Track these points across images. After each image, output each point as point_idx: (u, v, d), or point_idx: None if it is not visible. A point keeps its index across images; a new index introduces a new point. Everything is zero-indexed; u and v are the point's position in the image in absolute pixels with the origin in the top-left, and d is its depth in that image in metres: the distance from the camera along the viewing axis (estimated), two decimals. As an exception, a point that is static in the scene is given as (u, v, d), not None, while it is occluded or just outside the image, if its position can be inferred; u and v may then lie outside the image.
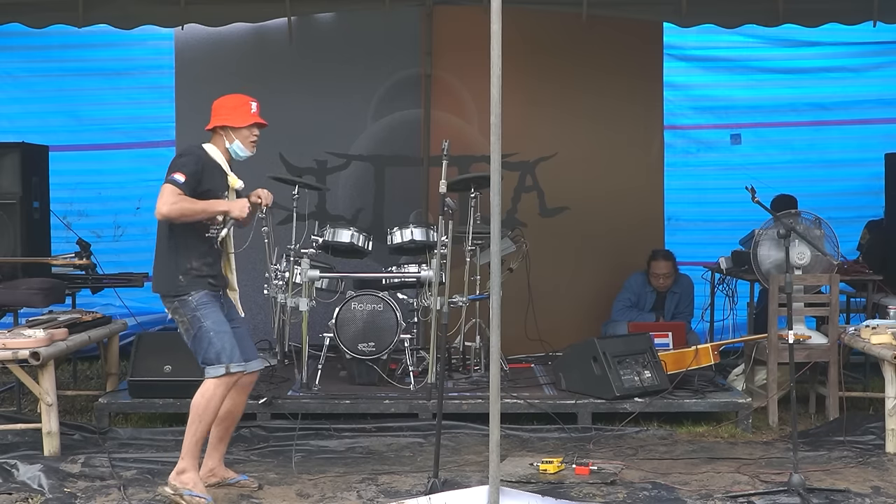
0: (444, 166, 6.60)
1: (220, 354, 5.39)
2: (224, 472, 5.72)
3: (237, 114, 5.56)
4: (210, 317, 5.43)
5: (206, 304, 5.45)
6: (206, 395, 5.41)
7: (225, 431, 5.71)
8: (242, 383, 5.60)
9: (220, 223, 5.54)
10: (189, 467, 5.41)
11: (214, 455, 5.70)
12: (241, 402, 5.70)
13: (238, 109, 5.57)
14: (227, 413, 5.63)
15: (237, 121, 5.55)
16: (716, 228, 9.68)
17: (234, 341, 5.45)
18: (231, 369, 5.41)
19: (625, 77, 9.14)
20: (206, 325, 5.42)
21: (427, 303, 7.42)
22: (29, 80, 9.79)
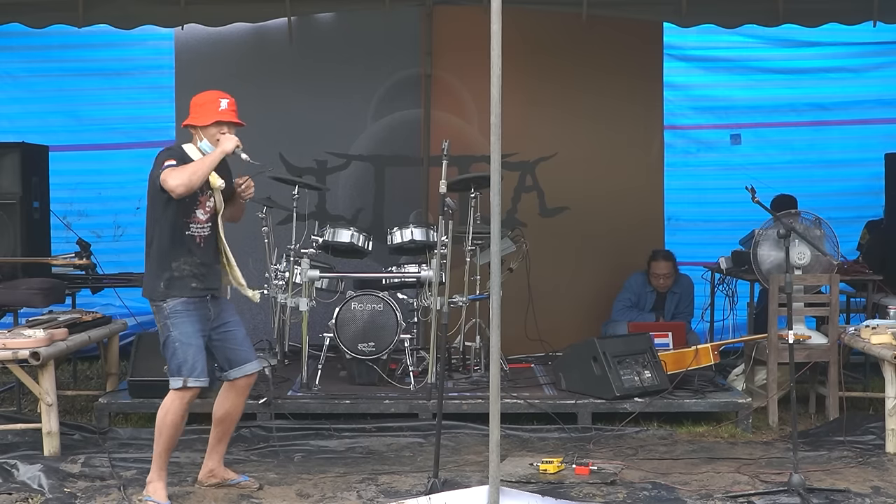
0: (444, 166, 6.60)
1: (180, 367, 5.36)
2: (224, 473, 5.72)
3: (203, 112, 5.50)
4: (179, 327, 5.38)
5: (178, 314, 5.38)
6: (164, 407, 5.43)
7: (223, 433, 5.70)
8: (239, 385, 5.59)
9: (200, 220, 5.46)
10: (155, 478, 5.47)
11: (214, 456, 5.70)
12: (240, 403, 5.68)
13: (205, 107, 5.51)
14: (226, 415, 5.63)
15: (201, 119, 5.50)
16: (716, 228, 9.69)
17: (199, 356, 5.38)
18: (188, 383, 5.35)
19: (625, 77, 9.13)
20: (173, 335, 5.38)
21: (427, 303, 7.42)
22: (29, 80, 9.80)
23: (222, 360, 5.61)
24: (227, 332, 5.56)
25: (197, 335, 5.42)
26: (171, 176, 5.26)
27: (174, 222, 5.40)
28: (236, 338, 5.59)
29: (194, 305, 5.43)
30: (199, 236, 5.48)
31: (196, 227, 5.46)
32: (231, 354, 5.58)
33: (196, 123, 5.51)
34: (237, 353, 5.58)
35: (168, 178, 5.26)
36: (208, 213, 5.50)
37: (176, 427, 5.45)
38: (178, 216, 5.40)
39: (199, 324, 5.44)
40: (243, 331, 5.68)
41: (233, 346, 5.57)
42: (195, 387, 5.38)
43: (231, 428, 5.75)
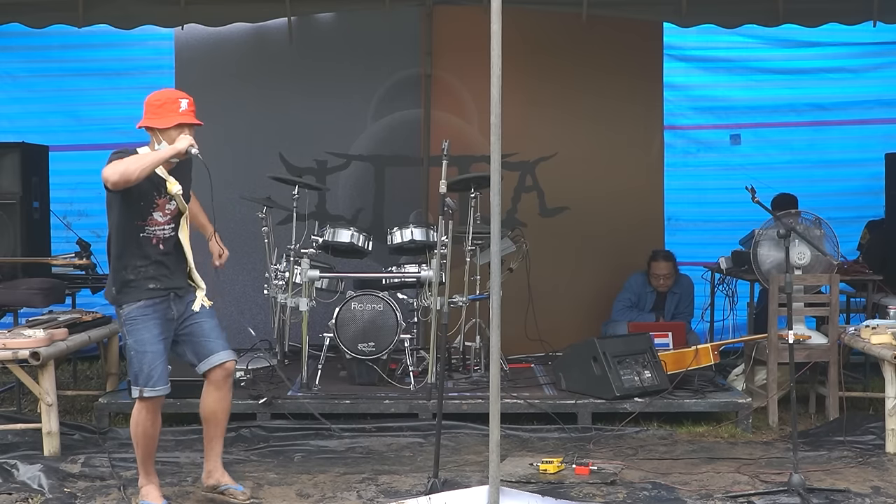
0: (444, 166, 6.60)
1: (137, 376, 5.25)
2: (220, 476, 5.53)
3: (162, 113, 5.24)
4: (134, 334, 5.23)
5: (134, 320, 5.23)
6: (133, 419, 5.36)
7: (212, 431, 5.49)
8: (214, 379, 5.37)
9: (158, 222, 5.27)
10: (145, 482, 5.44)
11: (210, 456, 5.55)
12: (221, 397, 5.42)
13: (164, 108, 5.25)
14: (210, 413, 5.44)
15: (161, 121, 5.24)
16: (716, 228, 9.69)
17: (154, 363, 5.21)
18: (144, 394, 5.23)
19: (625, 77, 9.13)
20: (129, 343, 5.26)
21: (427, 303, 7.42)
22: (29, 80, 9.79)
23: (191, 354, 5.41)
24: (193, 325, 5.36)
25: (154, 341, 5.24)
26: (109, 167, 5.05)
27: (127, 224, 5.22)
28: (203, 330, 5.36)
29: (152, 308, 5.25)
30: (156, 237, 5.29)
31: (153, 229, 5.27)
32: (197, 348, 5.38)
33: (155, 126, 5.24)
34: (203, 346, 5.36)
35: (105, 170, 5.05)
36: (168, 215, 5.30)
37: (149, 436, 5.35)
38: (131, 218, 5.22)
39: (159, 328, 5.26)
40: (213, 322, 5.42)
41: (198, 339, 5.36)
42: (151, 396, 5.25)
43: (220, 425, 5.50)
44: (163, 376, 5.27)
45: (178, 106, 5.26)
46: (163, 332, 5.30)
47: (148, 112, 5.30)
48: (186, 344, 5.41)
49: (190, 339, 5.40)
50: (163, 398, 5.34)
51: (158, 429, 5.44)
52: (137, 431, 5.35)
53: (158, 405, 5.35)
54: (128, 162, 5.08)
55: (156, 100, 5.31)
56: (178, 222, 5.36)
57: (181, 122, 5.24)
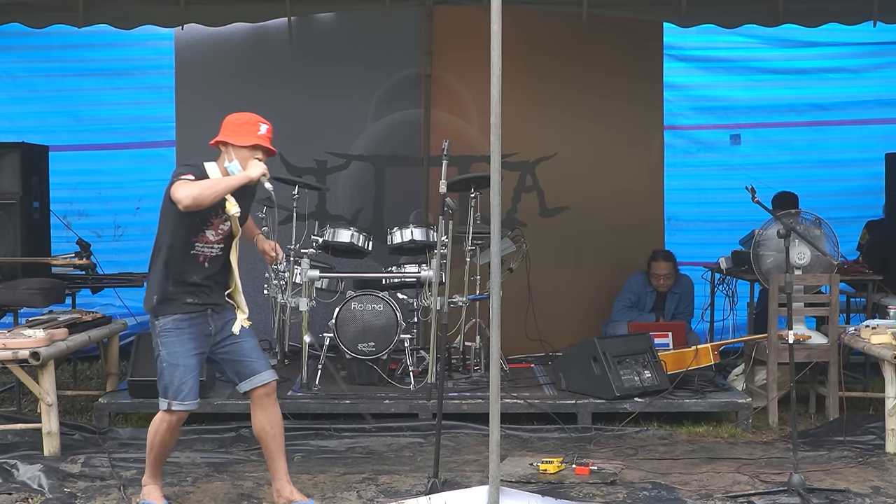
0: (444, 166, 6.60)
1: (166, 389, 5.22)
2: (289, 494, 5.38)
3: (241, 132, 5.28)
4: (168, 346, 5.20)
5: (169, 333, 5.21)
6: (153, 426, 5.33)
7: (271, 448, 5.39)
8: (258, 397, 5.33)
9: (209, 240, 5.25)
10: (149, 481, 5.43)
11: (275, 475, 5.45)
12: (269, 414, 5.36)
13: (244, 128, 5.30)
14: (260, 430, 5.38)
15: (239, 139, 5.26)
16: (716, 228, 9.69)
17: (186, 377, 5.18)
18: (172, 407, 5.20)
19: (625, 77, 9.14)
20: (161, 355, 5.24)
21: (427, 303, 7.42)
22: (29, 80, 9.80)
23: (231, 373, 5.40)
24: (233, 345, 5.33)
25: (188, 355, 5.21)
26: (182, 187, 5.03)
27: (180, 239, 5.21)
28: (243, 349, 5.34)
29: (188, 322, 5.22)
30: (204, 255, 5.27)
31: (203, 247, 5.26)
32: (238, 367, 5.36)
33: (233, 142, 5.26)
34: (245, 366, 5.34)
35: (177, 189, 5.03)
36: (220, 235, 5.28)
37: (165, 446, 5.36)
38: (185, 233, 5.20)
39: (194, 342, 5.23)
40: (253, 341, 5.40)
41: (239, 359, 5.34)
42: (179, 411, 5.23)
43: (274, 443, 5.38)
44: (193, 391, 5.24)
45: (257, 129, 5.32)
46: (197, 346, 5.26)
47: (226, 128, 5.33)
48: (227, 363, 5.39)
49: (230, 359, 5.37)
50: (187, 414, 5.29)
51: (175, 440, 5.43)
52: (155, 440, 5.32)
53: (182, 420, 5.31)
54: (201, 187, 5.07)
55: (237, 118, 5.36)
56: (229, 244, 5.33)
57: (257, 144, 5.28)
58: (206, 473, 6.06)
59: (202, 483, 5.87)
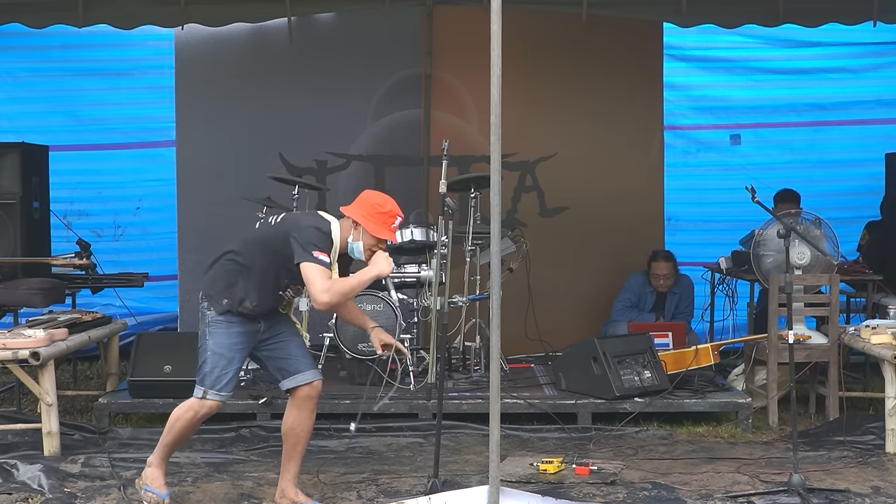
0: (444, 166, 6.60)
1: (205, 377, 5.22)
2: (294, 496, 5.44)
3: (379, 221, 5.23)
4: (215, 337, 5.22)
5: (219, 324, 5.22)
6: (177, 413, 5.31)
7: (290, 450, 5.41)
8: (300, 397, 5.34)
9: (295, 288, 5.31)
10: (154, 462, 5.40)
11: (285, 475, 5.46)
12: (304, 417, 5.37)
13: (383, 217, 5.25)
14: (289, 429, 5.39)
15: (375, 228, 5.22)
16: (716, 228, 9.68)
17: (227, 369, 5.20)
18: (207, 395, 5.20)
19: (625, 77, 9.13)
20: (207, 343, 5.25)
21: (427, 303, 7.42)
22: (29, 80, 9.80)
23: (274, 371, 5.41)
24: (278, 343, 5.35)
25: (234, 348, 5.23)
26: (320, 284, 5.02)
27: (276, 281, 5.24)
28: (288, 348, 5.35)
29: (239, 319, 5.25)
30: (287, 298, 5.35)
31: (290, 293, 5.34)
32: (283, 364, 5.36)
33: (367, 228, 5.22)
34: (289, 363, 5.34)
35: (314, 283, 5.03)
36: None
37: (183, 434, 5.35)
38: (286, 279, 5.24)
39: (241, 337, 5.25)
40: (298, 341, 5.43)
41: (284, 356, 5.35)
42: (213, 400, 5.21)
43: (299, 444, 5.40)
44: (230, 383, 5.24)
45: (393, 221, 5.30)
46: (244, 342, 5.28)
47: (364, 208, 5.28)
48: (270, 360, 5.41)
49: (275, 356, 5.38)
50: (217, 407, 5.28)
51: (193, 433, 5.44)
52: (176, 425, 5.31)
53: (209, 413, 5.29)
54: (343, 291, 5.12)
55: (379, 203, 5.31)
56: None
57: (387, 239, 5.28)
58: (206, 473, 6.06)
59: (202, 483, 5.87)
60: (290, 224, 5.24)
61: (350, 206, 5.33)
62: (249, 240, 5.34)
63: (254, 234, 5.38)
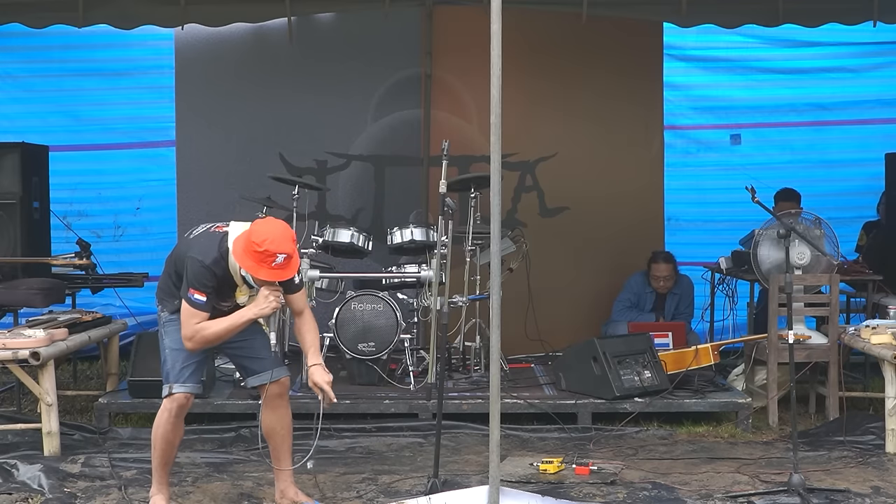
0: (444, 166, 6.60)
1: (168, 374, 5.20)
2: (294, 495, 5.42)
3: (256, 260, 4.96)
4: (172, 334, 5.20)
5: (173, 322, 5.19)
6: (155, 421, 5.28)
7: (276, 449, 5.39)
8: (269, 395, 5.29)
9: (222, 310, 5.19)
10: (156, 491, 5.35)
11: (279, 475, 5.45)
12: (281, 414, 5.35)
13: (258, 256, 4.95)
14: (269, 429, 5.36)
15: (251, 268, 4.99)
16: (716, 228, 9.68)
17: (188, 362, 5.16)
18: (173, 389, 5.16)
19: (625, 77, 9.13)
20: (165, 343, 5.24)
21: (427, 303, 7.42)
22: (29, 80, 9.79)
23: (239, 368, 5.42)
24: (242, 341, 5.30)
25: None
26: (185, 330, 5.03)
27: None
28: (253, 347, 5.32)
29: None
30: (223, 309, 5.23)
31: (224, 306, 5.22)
32: (247, 363, 5.35)
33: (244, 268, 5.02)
34: (254, 362, 5.33)
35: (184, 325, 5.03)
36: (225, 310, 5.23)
37: (168, 441, 5.27)
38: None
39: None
40: (263, 339, 5.43)
41: (249, 355, 5.33)
42: (180, 393, 5.17)
43: (283, 444, 5.39)
44: (195, 375, 5.21)
45: (273, 259, 4.96)
46: None
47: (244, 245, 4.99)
48: (236, 358, 5.41)
49: (240, 354, 5.37)
50: (189, 401, 5.23)
51: (180, 437, 5.36)
52: (157, 434, 5.27)
53: (184, 408, 5.24)
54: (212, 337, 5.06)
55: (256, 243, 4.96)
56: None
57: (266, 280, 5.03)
58: (206, 473, 6.06)
59: (202, 483, 5.87)
60: (188, 248, 5.14)
61: (238, 237, 5.07)
62: (177, 254, 5.27)
63: (178, 249, 5.30)
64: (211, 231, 5.22)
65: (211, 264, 5.05)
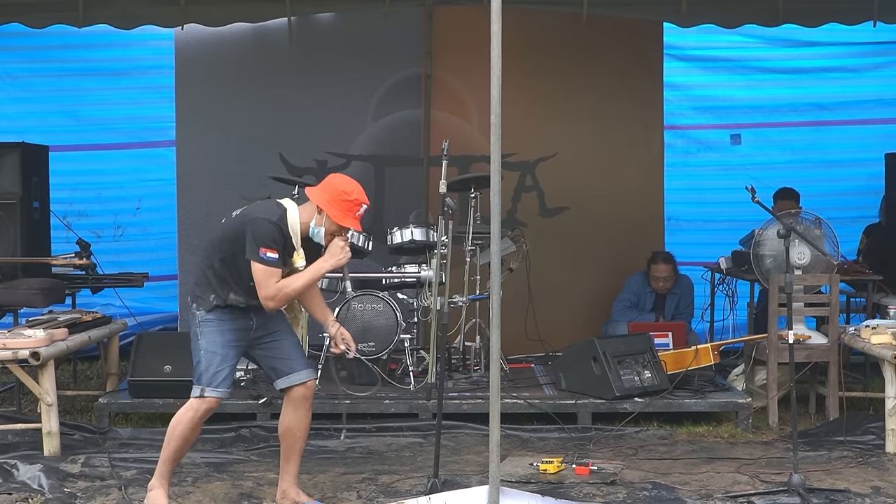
0: (444, 166, 6.60)
1: (201, 375, 5.17)
2: (296, 496, 5.42)
3: (345, 209, 5.11)
4: (207, 336, 5.18)
5: (209, 322, 5.19)
6: (177, 417, 5.24)
7: (288, 450, 5.40)
8: (293, 397, 5.30)
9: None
10: (157, 485, 5.32)
11: (285, 476, 5.45)
12: (300, 417, 5.34)
13: (348, 205, 5.11)
14: (286, 430, 5.37)
15: (339, 215, 5.11)
16: (716, 228, 9.68)
17: (223, 366, 5.16)
18: (206, 393, 5.14)
19: (625, 77, 9.13)
20: (200, 343, 5.20)
21: (427, 303, 7.42)
22: (29, 80, 9.80)
23: (269, 370, 5.38)
24: (272, 342, 5.32)
25: (227, 345, 5.19)
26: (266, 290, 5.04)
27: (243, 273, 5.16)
28: (282, 347, 5.32)
29: (230, 315, 5.21)
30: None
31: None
32: (277, 364, 5.33)
33: (330, 216, 5.12)
34: (283, 363, 5.31)
35: (260, 287, 5.04)
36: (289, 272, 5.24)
37: (185, 440, 5.27)
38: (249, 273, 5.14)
39: (232, 333, 5.21)
40: (293, 339, 5.40)
41: (278, 356, 5.32)
42: (212, 397, 5.15)
43: (296, 445, 5.39)
44: (227, 380, 5.20)
45: (358, 209, 5.15)
46: (237, 339, 5.24)
47: (330, 194, 5.15)
48: (264, 359, 5.38)
49: (269, 355, 5.35)
50: (216, 404, 5.22)
51: (196, 436, 5.36)
52: (176, 431, 5.24)
53: (210, 412, 5.23)
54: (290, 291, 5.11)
55: (345, 189, 5.16)
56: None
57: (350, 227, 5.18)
58: (206, 473, 6.06)
59: (202, 483, 5.87)
60: (247, 216, 5.21)
61: (315, 189, 5.24)
62: (219, 236, 5.30)
63: (222, 230, 5.34)
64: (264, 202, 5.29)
65: (277, 221, 5.11)
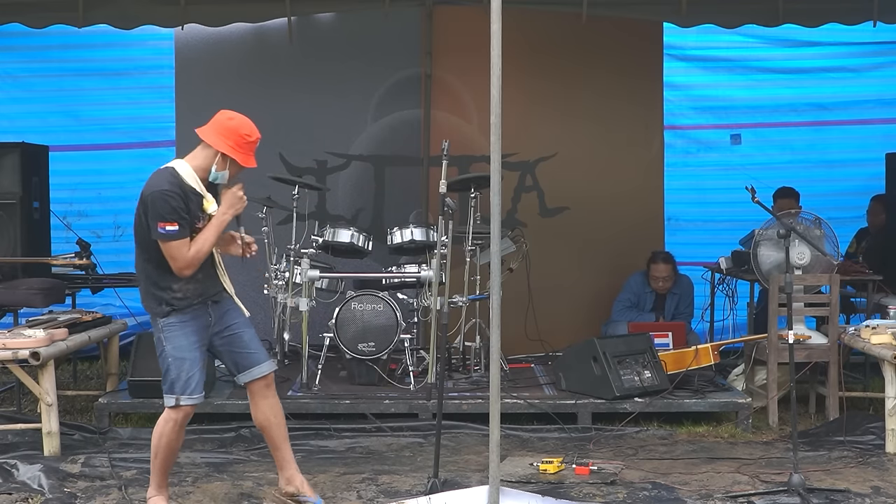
0: (444, 166, 6.60)
1: (173, 384, 5.15)
2: (300, 485, 5.39)
3: (247, 150, 5.21)
4: (172, 341, 5.14)
5: (172, 327, 5.14)
6: (158, 429, 5.22)
7: (273, 440, 5.38)
8: (255, 390, 5.31)
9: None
10: (154, 493, 5.33)
11: (283, 464, 5.43)
12: (271, 403, 5.34)
13: (250, 146, 5.22)
14: (264, 420, 5.35)
15: (244, 158, 5.21)
16: (716, 228, 9.68)
17: (192, 370, 5.13)
18: (181, 402, 5.12)
19: (625, 77, 9.14)
20: (166, 350, 5.17)
21: (427, 303, 7.42)
22: (29, 80, 9.79)
23: (230, 364, 5.38)
24: (231, 336, 5.30)
25: (192, 348, 5.17)
26: (178, 256, 5.02)
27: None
28: (242, 340, 5.31)
29: (191, 316, 5.17)
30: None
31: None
32: (238, 358, 5.32)
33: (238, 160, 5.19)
34: (244, 357, 5.31)
35: (176, 258, 5.02)
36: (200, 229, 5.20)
37: (171, 449, 5.25)
38: None
39: (196, 335, 5.19)
40: (251, 332, 5.36)
41: (238, 350, 5.31)
42: (188, 405, 5.16)
43: (278, 434, 5.36)
44: (199, 384, 5.18)
45: (255, 145, 5.25)
46: (200, 339, 5.23)
47: (231, 137, 5.22)
48: (225, 353, 5.36)
49: (229, 349, 5.33)
50: (194, 409, 5.22)
51: (181, 441, 5.34)
52: (161, 443, 5.23)
53: (188, 417, 5.23)
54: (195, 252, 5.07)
55: (245, 130, 5.24)
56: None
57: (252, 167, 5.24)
58: (206, 473, 6.06)
59: (202, 483, 5.87)
60: (140, 200, 5.16)
61: (210, 133, 5.24)
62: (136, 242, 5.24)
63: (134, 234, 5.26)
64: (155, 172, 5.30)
65: (169, 186, 5.10)
